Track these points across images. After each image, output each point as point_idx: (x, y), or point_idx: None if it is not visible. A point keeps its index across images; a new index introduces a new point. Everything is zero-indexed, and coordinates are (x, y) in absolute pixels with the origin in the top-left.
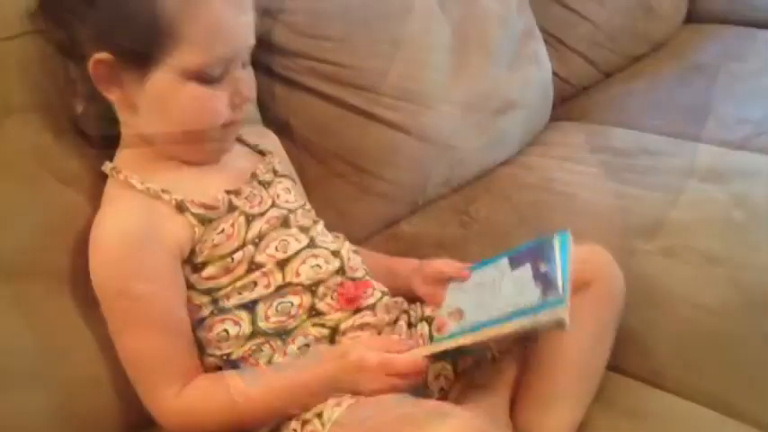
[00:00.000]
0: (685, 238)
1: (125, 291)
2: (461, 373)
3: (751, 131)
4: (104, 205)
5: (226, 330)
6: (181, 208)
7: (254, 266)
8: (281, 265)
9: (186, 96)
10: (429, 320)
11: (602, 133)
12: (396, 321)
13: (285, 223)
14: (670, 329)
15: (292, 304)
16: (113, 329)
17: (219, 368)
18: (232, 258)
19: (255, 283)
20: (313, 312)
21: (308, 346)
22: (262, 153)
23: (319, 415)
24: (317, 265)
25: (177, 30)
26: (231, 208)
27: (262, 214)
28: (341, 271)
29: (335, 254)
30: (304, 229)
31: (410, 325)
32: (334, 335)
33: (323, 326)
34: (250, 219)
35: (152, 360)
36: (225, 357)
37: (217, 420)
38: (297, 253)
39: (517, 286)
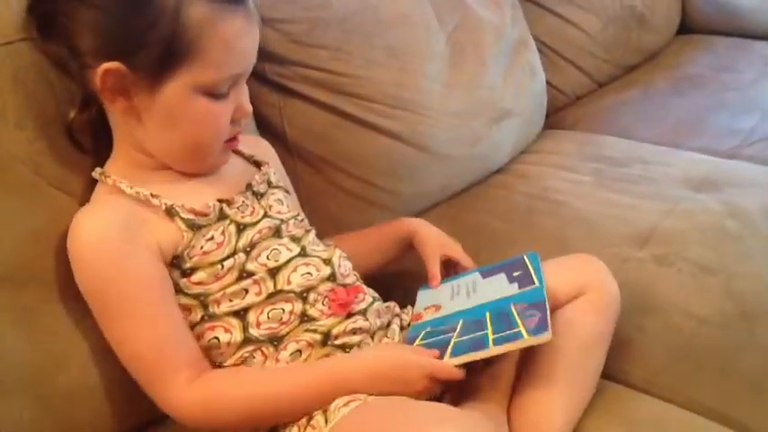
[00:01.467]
0: (678, 247)
1: (108, 291)
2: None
3: (743, 141)
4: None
5: (216, 338)
6: (170, 213)
7: (245, 274)
8: (273, 273)
9: (196, 110)
10: None
11: (596, 142)
12: (388, 325)
13: (277, 233)
14: (663, 338)
15: (284, 311)
16: (106, 331)
17: None
18: (222, 266)
19: (246, 291)
20: (305, 318)
21: (299, 351)
22: (257, 164)
23: (324, 411)
24: (308, 273)
25: (196, 45)
26: (222, 216)
27: (254, 224)
28: (332, 277)
29: (327, 262)
30: (295, 239)
31: (402, 329)
32: (326, 340)
33: (315, 331)
34: (241, 228)
35: (152, 353)
36: (217, 365)
37: (241, 409)
38: (288, 261)
39: (492, 287)
